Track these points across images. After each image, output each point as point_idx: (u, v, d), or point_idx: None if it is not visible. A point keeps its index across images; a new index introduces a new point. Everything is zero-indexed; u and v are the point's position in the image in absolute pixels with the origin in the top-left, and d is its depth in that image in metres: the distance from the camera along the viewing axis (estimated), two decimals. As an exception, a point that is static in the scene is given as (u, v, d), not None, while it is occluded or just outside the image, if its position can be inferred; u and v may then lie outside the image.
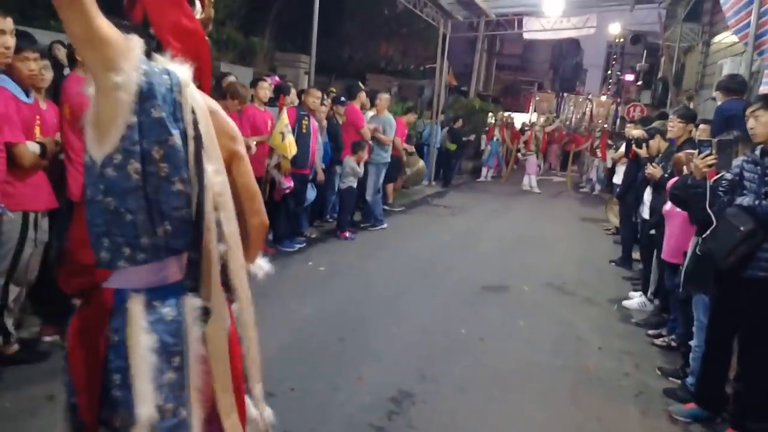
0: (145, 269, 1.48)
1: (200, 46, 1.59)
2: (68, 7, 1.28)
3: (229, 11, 13.82)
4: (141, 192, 1.42)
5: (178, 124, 1.46)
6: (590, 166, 16.38)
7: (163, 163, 1.43)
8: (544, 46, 49.49)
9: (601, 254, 8.09)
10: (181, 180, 1.46)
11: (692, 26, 13.53)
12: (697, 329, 3.74)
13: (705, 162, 3.35)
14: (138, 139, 1.39)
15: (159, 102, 1.41)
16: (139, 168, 1.40)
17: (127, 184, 1.41)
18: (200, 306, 1.53)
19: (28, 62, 3.32)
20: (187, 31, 1.55)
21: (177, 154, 1.44)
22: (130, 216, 1.43)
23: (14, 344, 3.49)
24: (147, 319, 1.46)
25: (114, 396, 1.45)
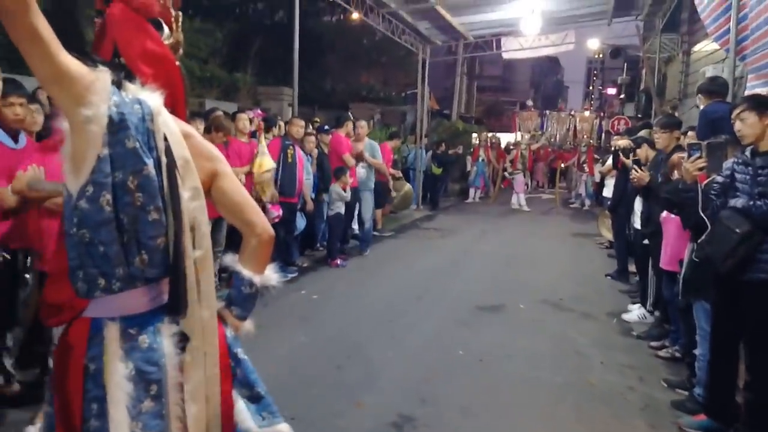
0: (120, 297, 1.47)
1: (171, 71, 1.58)
2: (30, 45, 1.26)
3: (212, 50, 13.92)
4: (114, 224, 1.41)
5: (152, 152, 1.44)
6: (578, 181, 16.46)
7: (138, 192, 1.42)
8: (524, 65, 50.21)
9: (596, 269, 8.04)
10: (156, 209, 1.45)
11: (671, 36, 13.73)
12: (700, 338, 3.67)
13: (695, 165, 3.32)
14: (110, 171, 1.38)
15: (132, 132, 1.40)
16: (110, 200, 1.39)
17: (99, 216, 1.40)
18: (177, 332, 1.51)
19: (14, 107, 3.34)
20: (156, 57, 1.54)
21: (151, 183, 1.43)
22: (103, 248, 1.42)
23: (15, 385, 3.42)
24: (122, 347, 1.45)
25: (93, 426, 1.43)
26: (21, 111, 3.37)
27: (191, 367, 1.53)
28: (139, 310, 1.50)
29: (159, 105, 1.48)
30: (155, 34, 1.56)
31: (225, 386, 1.62)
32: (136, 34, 1.52)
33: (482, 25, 14.69)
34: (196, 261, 1.53)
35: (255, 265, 1.71)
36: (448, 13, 12.87)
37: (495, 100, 44.05)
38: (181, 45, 1.69)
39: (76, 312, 1.49)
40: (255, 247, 1.69)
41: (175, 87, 1.58)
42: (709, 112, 4.52)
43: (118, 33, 1.51)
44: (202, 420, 1.54)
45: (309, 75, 16.82)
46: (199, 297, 1.53)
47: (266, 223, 1.71)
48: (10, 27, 1.22)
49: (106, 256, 1.42)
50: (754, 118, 3.13)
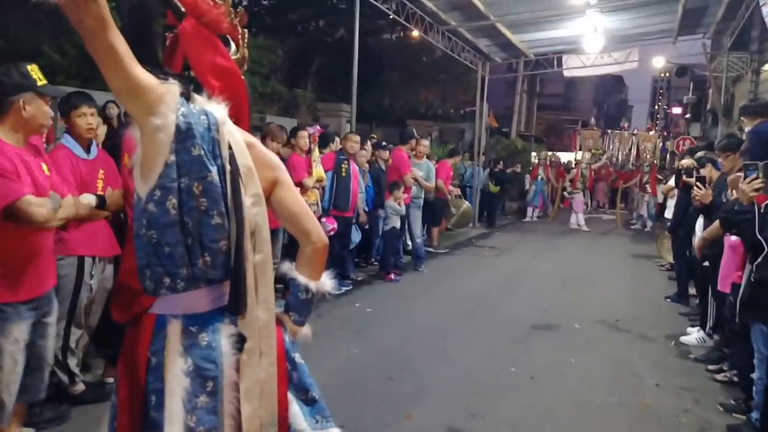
0: (184, 297, 1.56)
1: (237, 84, 1.67)
2: (106, 59, 1.37)
3: (273, 66, 14.38)
4: (179, 226, 1.50)
5: (216, 160, 1.53)
6: (640, 202, 16.05)
7: (202, 197, 1.50)
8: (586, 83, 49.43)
9: (656, 290, 7.85)
10: (219, 213, 1.53)
11: (740, 55, 13.35)
12: (758, 361, 3.58)
13: (752, 186, 3.26)
14: (176, 176, 1.48)
15: (198, 141, 1.49)
16: (176, 203, 1.48)
17: (165, 219, 1.49)
18: (235, 333, 1.58)
19: (86, 117, 3.52)
20: (223, 71, 1.63)
21: (215, 189, 1.51)
22: (168, 248, 1.51)
23: (79, 384, 3.62)
24: (183, 344, 1.53)
25: (151, 417, 1.52)
26: (93, 121, 3.55)
27: (247, 366, 1.58)
28: (201, 309, 1.58)
29: (224, 116, 1.57)
30: (224, 50, 1.65)
31: (281, 387, 1.67)
32: (206, 49, 1.60)
33: (543, 42, 14.61)
34: (256, 265, 1.60)
35: (310, 272, 1.77)
36: (508, 30, 12.88)
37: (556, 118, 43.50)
38: (246, 61, 1.78)
39: (143, 308, 1.59)
40: (310, 254, 1.75)
41: (240, 100, 1.65)
42: (762, 133, 4.40)
43: (189, 47, 1.60)
44: (256, 419, 1.59)
45: (368, 92, 17.11)
46: (258, 299, 1.60)
47: (321, 232, 1.76)
48: (89, 42, 1.34)
49: (172, 257, 1.51)
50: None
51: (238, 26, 1.72)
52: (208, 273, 1.55)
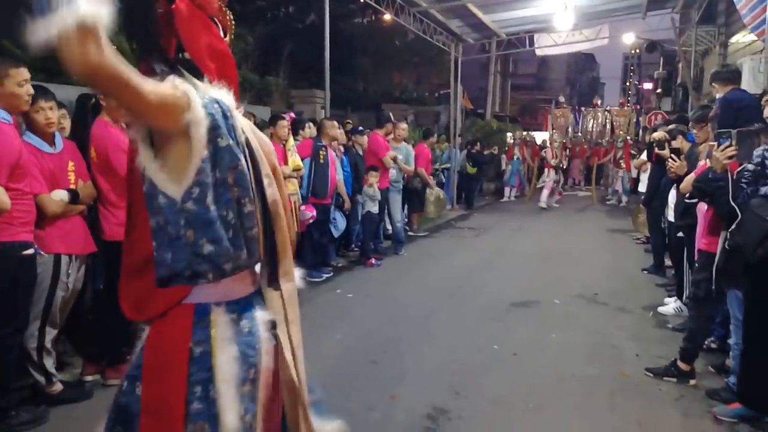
0: (224, 284, 1.51)
1: (230, 68, 1.63)
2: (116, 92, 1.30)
3: (244, 54, 14.18)
4: (219, 221, 1.44)
5: (240, 145, 1.50)
6: (615, 178, 16.24)
7: (236, 187, 1.47)
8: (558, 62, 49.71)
9: (632, 263, 7.96)
10: (250, 200, 1.50)
11: (708, 29, 13.49)
12: (734, 327, 3.65)
13: (725, 154, 3.29)
14: (210, 170, 1.43)
15: (223, 130, 1.45)
16: (214, 198, 1.44)
17: (206, 216, 1.43)
18: (269, 320, 1.59)
19: (44, 112, 3.43)
20: (219, 54, 1.58)
21: (245, 176, 1.48)
22: (211, 246, 1.44)
23: (57, 384, 3.56)
24: (230, 330, 1.50)
25: (194, 409, 1.45)
26: (52, 115, 3.46)
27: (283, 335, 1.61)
28: (240, 295, 1.57)
29: (233, 102, 1.53)
30: (217, 31, 1.59)
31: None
32: (202, 31, 1.54)
33: (515, 21, 14.63)
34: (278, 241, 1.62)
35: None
36: (479, 10, 12.86)
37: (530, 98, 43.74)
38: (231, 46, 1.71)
39: (173, 302, 1.50)
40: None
41: (232, 85, 1.60)
42: (734, 101, 4.47)
43: (184, 29, 1.51)
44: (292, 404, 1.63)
45: (341, 77, 17.00)
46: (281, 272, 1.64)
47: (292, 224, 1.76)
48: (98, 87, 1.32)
49: (216, 255, 1.44)
50: (785, 105, 3.11)
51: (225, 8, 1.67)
52: (247, 261, 1.52)
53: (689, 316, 4.31)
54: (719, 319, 4.32)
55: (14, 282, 3.11)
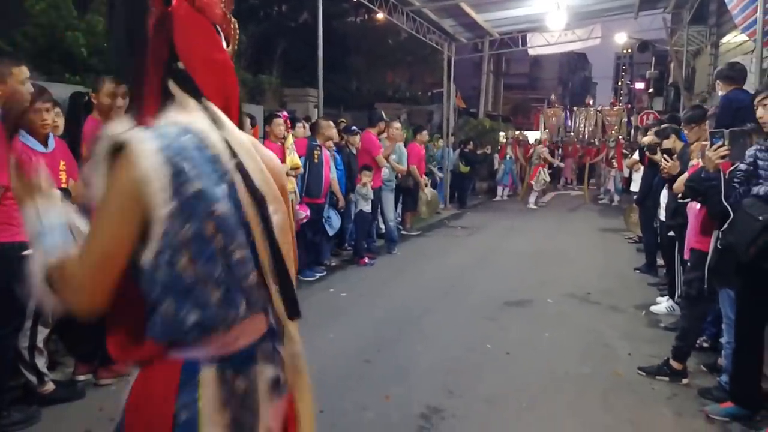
0: (218, 339, 1.29)
1: (231, 82, 1.42)
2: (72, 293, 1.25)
3: (237, 53, 14.07)
4: (202, 283, 1.23)
5: (224, 178, 1.25)
6: (607, 177, 16.31)
7: (219, 234, 1.23)
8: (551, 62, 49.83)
9: (624, 263, 8.00)
10: (239, 245, 1.27)
11: (699, 29, 13.54)
12: (726, 326, 3.67)
13: (717, 153, 3.30)
14: (180, 226, 1.20)
15: (190, 174, 1.20)
16: (190, 258, 1.21)
17: (185, 281, 1.22)
18: (273, 376, 1.38)
19: (41, 113, 3.43)
20: (219, 65, 1.38)
21: (228, 218, 1.24)
22: (195, 316, 1.24)
23: (48, 384, 3.54)
24: (220, 393, 1.28)
25: None
26: (48, 117, 3.47)
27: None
28: (242, 345, 1.33)
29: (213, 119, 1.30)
30: (218, 40, 1.39)
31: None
32: (201, 38, 1.34)
33: (508, 21, 14.64)
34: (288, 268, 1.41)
35: None
36: (472, 9, 12.86)
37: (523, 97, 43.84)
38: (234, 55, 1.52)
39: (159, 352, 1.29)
40: None
41: (231, 99, 1.40)
42: (734, 101, 4.48)
43: (181, 34, 1.31)
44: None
45: (334, 76, 16.97)
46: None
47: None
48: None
49: (202, 323, 1.25)
50: (778, 105, 3.13)
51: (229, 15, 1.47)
52: (247, 312, 1.31)
53: (681, 315, 4.33)
54: (711, 318, 4.35)
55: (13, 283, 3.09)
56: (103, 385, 3.78)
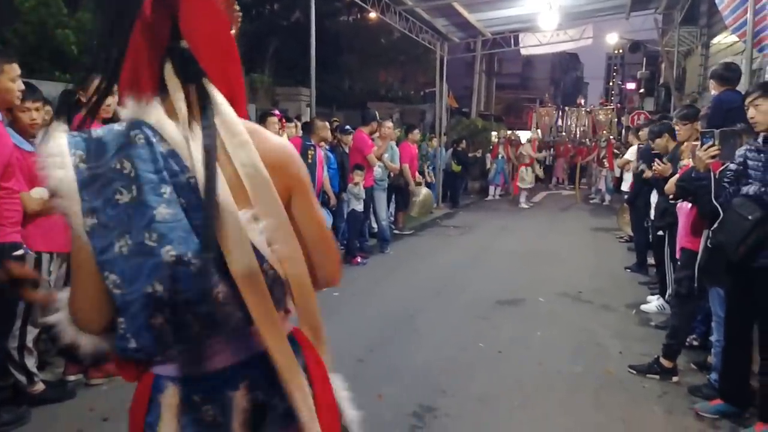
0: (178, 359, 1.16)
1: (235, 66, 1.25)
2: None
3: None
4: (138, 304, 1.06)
5: (176, 177, 1.07)
6: (598, 177, 16.38)
7: (166, 246, 1.04)
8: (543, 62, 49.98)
9: (616, 262, 8.03)
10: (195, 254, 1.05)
11: (690, 29, 13.61)
12: (715, 324, 3.70)
13: (708, 153, 3.33)
14: (109, 243, 1.04)
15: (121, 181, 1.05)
16: (118, 280, 1.05)
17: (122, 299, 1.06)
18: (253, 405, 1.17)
19: (30, 112, 3.43)
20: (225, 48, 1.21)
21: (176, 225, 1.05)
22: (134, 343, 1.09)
23: (38, 384, 3.52)
24: (180, 419, 1.15)
25: None
26: (38, 116, 3.47)
27: None
28: (216, 367, 1.16)
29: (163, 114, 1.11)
30: (227, 21, 1.21)
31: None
32: (208, 16, 1.16)
33: (500, 21, 14.66)
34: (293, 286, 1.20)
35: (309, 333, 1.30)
36: (465, 9, 12.87)
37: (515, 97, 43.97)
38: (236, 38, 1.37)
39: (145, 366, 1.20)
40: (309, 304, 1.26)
41: (236, 86, 1.24)
42: (725, 101, 4.51)
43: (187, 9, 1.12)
44: None
45: (327, 75, 16.95)
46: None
47: (337, 272, 1.36)
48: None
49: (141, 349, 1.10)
50: (767, 105, 3.15)
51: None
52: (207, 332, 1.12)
53: (672, 314, 4.36)
54: (701, 317, 4.39)
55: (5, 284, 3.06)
56: (94, 385, 3.77)
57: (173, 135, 1.09)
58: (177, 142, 1.09)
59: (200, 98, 1.14)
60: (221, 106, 1.14)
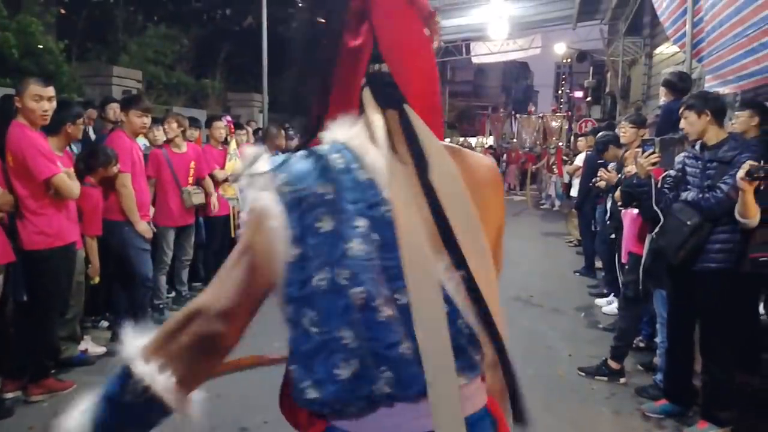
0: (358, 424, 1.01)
1: (436, 87, 1.15)
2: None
3: (178, 56, 13.84)
4: (330, 348, 0.94)
5: (372, 209, 0.95)
6: (548, 183, 16.73)
7: (356, 288, 0.93)
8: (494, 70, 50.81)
9: (565, 266, 8.21)
10: (387, 300, 0.94)
11: (634, 40, 14.05)
12: (660, 326, 3.82)
13: (649, 160, 3.45)
14: (306, 276, 0.94)
15: (323, 207, 0.94)
16: (315, 318, 0.95)
17: (308, 344, 0.96)
18: None
19: None
20: (427, 72, 1.11)
21: (366, 264, 0.94)
22: (316, 393, 0.96)
23: None
24: None
25: None
26: None
27: None
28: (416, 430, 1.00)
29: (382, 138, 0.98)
30: (428, 40, 1.12)
31: None
32: (410, 36, 1.08)
33: (451, 30, 14.89)
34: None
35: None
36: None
37: (467, 104, 44.53)
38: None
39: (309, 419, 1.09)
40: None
41: (437, 110, 1.13)
42: (675, 111, 4.65)
43: (387, 30, 1.04)
44: None
45: (280, 81, 16.80)
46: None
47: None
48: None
49: (325, 401, 0.97)
50: (693, 117, 3.30)
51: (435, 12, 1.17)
52: (393, 392, 0.96)
53: (619, 316, 4.47)
54: (647, 319, 4.52)
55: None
56: (34, 403, 3.61)
57: (374, 163, 0.97)
58: (377, 171, 0.97)
59: (402, 125, 1.01)
60: (424, 134, 1.01)
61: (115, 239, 4.52)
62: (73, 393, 3.84)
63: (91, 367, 4.25)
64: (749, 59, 5.29)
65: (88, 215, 4.23)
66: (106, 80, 9.24)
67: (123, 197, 4.50)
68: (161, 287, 5.39)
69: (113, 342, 4.73)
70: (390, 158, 0.97)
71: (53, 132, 3.81)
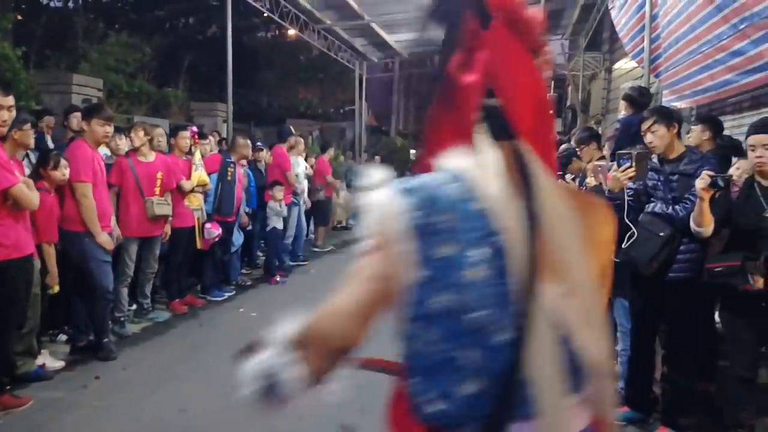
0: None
1: (549, 120, 1.16)
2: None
3: (140, 64, 13.62)
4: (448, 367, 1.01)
5: (487, 239, 1.00)
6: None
7: (472, 310, 0.99)
8: (458, 83, 51.38)
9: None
10: (502, 325, 0.99)
11: (594, 55, 14.36)
12: (621, 334, 3.88)
13: (626, 174, 3.42)
14: (427, 298, 1.01)
15: (444, 233, 1.00)
16: (434, 337, 1.02)
17: (431, 359, 1.03)
18: None
19: None
20: (540, 104, 1.11)
21: (483, 291, 0.99)
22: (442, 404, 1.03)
23: None
24: None
25: None
26: None
27: None
28: None
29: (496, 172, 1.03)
30: (537, 71, 1.12)
31: None
32: (520, 69, 1.09)
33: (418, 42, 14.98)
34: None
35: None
36: (383, 30, 13.10)
37: (432, 116, 44.83)
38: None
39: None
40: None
41: (548, 145, 1.14)
42: (634, 124, 4.74)
43: (500, 64, 1.06)
44: None
45: (244, 91, 16.71)
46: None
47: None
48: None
49: (445, 415, 1.03)
50: (663, 130, 3.38)
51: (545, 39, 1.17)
52: (510, 412, 0.99)
53: None
54: (608, 328, 4.59)
55: None
56: (-12, 420, 3.49)
57: (489, 193, 1.02)
58: (492, 201, 1.01)
59: (514, 159, 1.04)
60: (536, 168, 1.04)
61: (75, 250, 4.42)
62: (29, 410, 3.71)
63: (49, 383, 4.13)
64: (704, 75, 5.48)
65: (43, 221, 4.12)
66: (66, 88, 9.03)
67: (83, 208, 4.39)
68: (122, 300, 5.27)
69: (72, 356, 4.60)
70: (504, 190, 1.01)
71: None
